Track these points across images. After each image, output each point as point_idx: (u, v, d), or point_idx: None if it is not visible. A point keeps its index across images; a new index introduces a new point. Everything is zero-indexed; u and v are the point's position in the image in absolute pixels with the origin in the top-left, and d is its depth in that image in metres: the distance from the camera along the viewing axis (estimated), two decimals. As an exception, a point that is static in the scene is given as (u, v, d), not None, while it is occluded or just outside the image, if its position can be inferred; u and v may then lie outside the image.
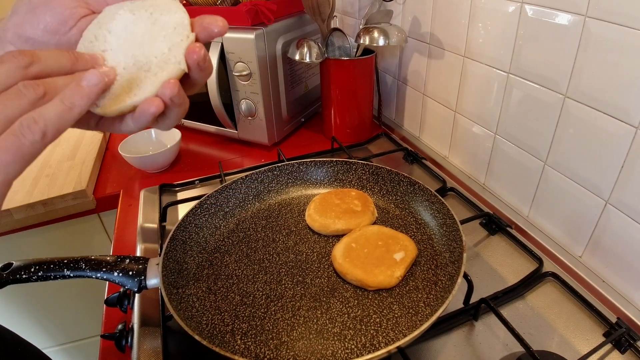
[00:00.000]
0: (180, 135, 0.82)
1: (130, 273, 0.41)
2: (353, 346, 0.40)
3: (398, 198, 0.59)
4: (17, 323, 0.87)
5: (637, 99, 0.41)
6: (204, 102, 0.82)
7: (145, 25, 0.30)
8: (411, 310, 0.43)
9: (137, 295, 0.48)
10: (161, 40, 0.29)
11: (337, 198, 0.58)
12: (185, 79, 0.30)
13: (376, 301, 0.45)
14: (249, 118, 0.81)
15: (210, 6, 0.79)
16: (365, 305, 0.45)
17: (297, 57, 0.75)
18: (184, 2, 0.83)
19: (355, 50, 0.80)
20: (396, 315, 0.43)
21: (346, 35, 0.79)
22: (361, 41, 0.73)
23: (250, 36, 0.72)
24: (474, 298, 0.46)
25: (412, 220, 0.56)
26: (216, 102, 0.80)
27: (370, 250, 0.49)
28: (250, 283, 0.48)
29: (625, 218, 0.45)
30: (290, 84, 0.85)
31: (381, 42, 0.71)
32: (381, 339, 0.40)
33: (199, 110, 0.87)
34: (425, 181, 0.56)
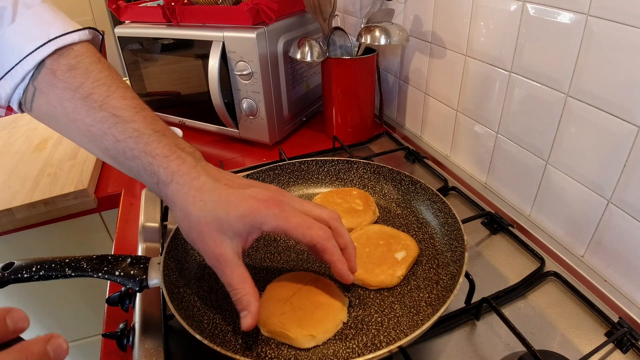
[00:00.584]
0: (181, 134, 0.82)
1: (131, 272, 0.41)
2: (354, 345, 0.40)
3: (399, 197, 0.59)
4: (19, 322, 0.87)
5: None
6: (205, 102, 0.82)
7: None
8: (412, 309, 0.43)
9: (139, 294, 0.48)
10: None
11: (339, 197, 0.58)
12: None
13: (377, 300, 0.45)
14: (250, 117, 0.81)
15: (211, 5, 0.79)
16: (366, 304, 0.44)
17: (299, 56, 0.75)
18: (186, 2, 0.83)
19: (356, 49, 0.80)
20: (397, 314, 0.43)
21: (347, 34, 0.79)
22: (362, 40, 0.73)
23: (251, 35, 0.72)
24: (476, 297, 0.46)
25: (414, 219, 0.56)
26: (217, 101, 0.80)
27: (371, 249, 0.49)
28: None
29: (627, 217, 0.45)
30: (291, 83, 0.85)
31: (383, 41, 0.71)
32: (382, 339, 0.40)
33: (200, 109, 0.87)
34: (426, 180, 0.56)
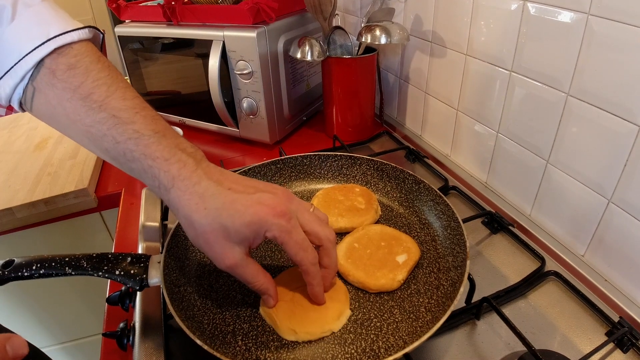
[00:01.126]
0: (182, 133, 0.82)
1: (131, 271, 0.41)
2: (353, 350, 0.40)
3: (402, 196, 0.59)
4: (18, 322, 0.87)
5: (641, 97, 0.41)
6: (206, 101, 0.82)
7: None
8: (412, 315, 0.43)
9: (139, 294, 0.48)
10: None
11: (341, 194, 0.57)
12: None
13: (377, 304, 0.44)
14: (251, 116, 0.80)
15: (211, 4, 0.79)
16: (366, 308, 0.44)
17: (299, 56, 0.75)
18: (186, 1, 0.83)
19: (357, 48, 0.80)
20: (397, 320, 0.42)
21: (348, 33, 0.79)
22: (363, 39, 0.73)
23: (251, 34, 0.72)
24: (476, 297, 0.46)
25: (416, 220, 0.56)
26: (218, 101, 0.80)
27: (372, 251, 0.48)
28: None
29: (627, 217, 0.45)
30: (291, 83, 0.85)
31: (383, 40, 0.71)
32: (381, 344, 0.40)
33: (201, 109, 0.87)
34: (427, 180, 0.56)
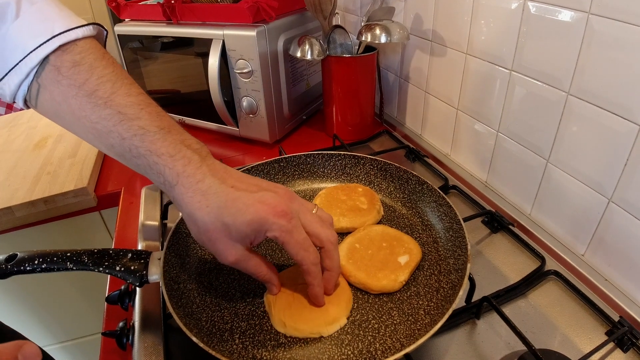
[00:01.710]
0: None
1: (132, 267, 0.41)
2: (349, 352, 0.39)
3: (405, 197, 0.58)
4: (18, 320, 0.87)
5: (641, 96, 0.41)
6: (205, 100, 0.82)
7: None
8: (410, 317, 0.42)
9: (138, 292, 0.48)
10: None
11: (343, 194, 0.57)
12: None
13: (376, 306, 0.44)
14: (250, 115, 0.80)
15: (211, 3, 0.79)
16: (365, 309, 0.44)
17: (299, 55, 0.75)
18: (185, -1, 0.83)
19: (357, 47, 0.79)
20: (395, 322, 0.42)
21: (348, 32, 0.79)
22: (363, 38, 0.73)
23: (251, 33, 0.72)
24: (476, 296, 0.46)
25: (418, 220, 0.55)
26: (217, 100, 0.79)
27: (374, 251, 0.48)
28: (251, 279, 0.47)
29: (628, 216, 0.45)
30: (291, 82, 0.85)
31: (383, 40, 0.71)
32: (378, 346, 0.40)
33: (200, 107, 0.87)
34: (427, 179, 0.56)
